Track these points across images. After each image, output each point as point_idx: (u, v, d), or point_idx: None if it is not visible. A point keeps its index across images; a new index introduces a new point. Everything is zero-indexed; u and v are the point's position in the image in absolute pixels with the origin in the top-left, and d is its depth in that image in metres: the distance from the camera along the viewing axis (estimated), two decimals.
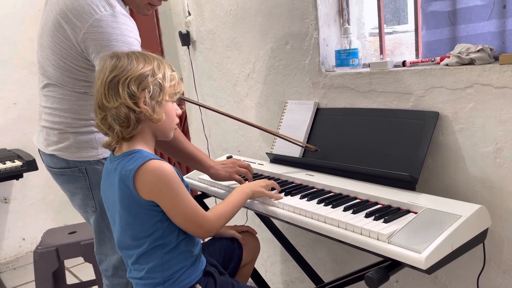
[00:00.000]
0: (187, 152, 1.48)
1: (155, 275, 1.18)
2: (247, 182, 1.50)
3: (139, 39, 1.38)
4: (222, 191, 1.62)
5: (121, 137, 1.15)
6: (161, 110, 1.16)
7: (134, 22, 1.39)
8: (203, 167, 1.54)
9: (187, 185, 1.20)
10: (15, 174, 2.67)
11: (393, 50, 1.74)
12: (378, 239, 1.06)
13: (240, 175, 1.57)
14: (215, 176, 1.55)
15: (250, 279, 1.74)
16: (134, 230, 1.16)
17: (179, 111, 1.26)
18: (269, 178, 1.64)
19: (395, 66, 1.56)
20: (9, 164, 2.65)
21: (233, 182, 1.58)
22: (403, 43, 1.71)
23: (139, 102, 1.12)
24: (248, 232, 1.61)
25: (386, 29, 1.75)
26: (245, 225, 1.63)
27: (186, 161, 1.51)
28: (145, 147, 1.18)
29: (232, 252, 1.52)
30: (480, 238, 1.13)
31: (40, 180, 3.18)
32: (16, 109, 3.14)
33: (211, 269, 1.28)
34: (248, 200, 1.41)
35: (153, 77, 1.14)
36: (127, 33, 1.34)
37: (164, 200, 1.13)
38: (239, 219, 2.33)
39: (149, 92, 1.13)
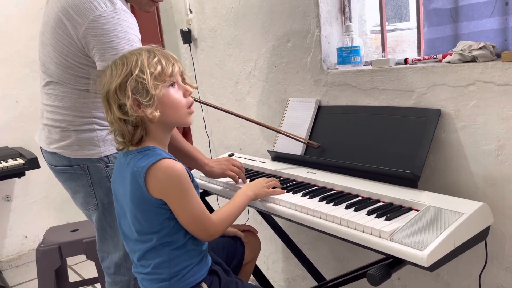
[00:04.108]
0: (182, 149, 1.49)
1: (162, 271, 1.18)
2: (248, 182, 1.50)
3: (140, 36, 1.39)
4: (220, 188, 1.63)
5: (130, 144, 1.16)
6: (153, 108, 1.11)
7: (135, 19, 1.39)
8: (198, 165, 1.55)
9: (197, 185, 1.20)
10: (17, 172, 2.68)
11: (394, 47, 1.73)
12: (380, 237, 1.06)
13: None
14: (210, 173, 1.57)
15: (252, 277, 1.74)
16: (142, 226, 1.16)
17: (189, 90, 1.20)
18: (270, 175, 1.64)
19: (397, 63, 1.55)
20: (11, 162, 2.65)
21: (230, 179, 1.59)
22: (404, 41, 1.70)
23: (128, 109, 1.10)
24: (249, 231, 1.62)
25: (388, 26, 1.74)
26: (246, 224, 1.63)
27: (181, 159, 1.51)
28: (158, 144, 1.18)
29: (234, 250, 1.53)
30: (482, 236, 1.13)
31: (42, 178, 3.18)
32: (18, 107, 3.15)
33: (216, 267, 1.28)
34: None
35: (131, 78, 1.10)
36: (128, 30, 1.34)
37: (173, 200, 1.13)
38: (240, 217, 2.33)
39: (133, 94, 1.10)
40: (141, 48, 1.18)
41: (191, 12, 2.47)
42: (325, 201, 1.29)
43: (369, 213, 1.17)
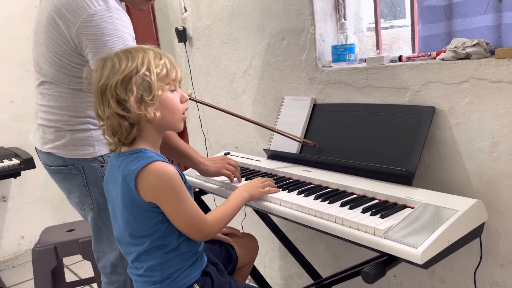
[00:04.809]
0: (178, 148, 1.49)
1: (154, 273, 1.18)
2: (244, 183, 1.49)
3: (133, 34, 1.38)
4: (216, 186, 1.62)
5: (122, 143, 1.14)
6: (154, 108, 1.11)
7: (129, 17, 1.38)
8: (193, 163, 1.55)
9: (190, 187, 1.19)
10: (13, 173, 2.67)
11: (391, 44, 1.73)
12: (374, 234, 1.06)
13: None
14: (205, 172, 1.57)
15: (248, 275, 1.74)
16: (134, 229, 1.15)
17: (186, 97, 1.20)
18: (266, 174, 1.64)
19: (392, 61, 1.55)
20: (6, 163, 2.65)
21: (225, 177, 1.59)
22: (401, 38, 1.70)
23: (129, 107, 1.08)
24: (247, 233, 1.61)
25: (384, 23, 1.74)
26: (233, 227, 1.62)
27: (176, 158, 1.51)
28: (149, 146, 1.16)
29: (230, 255, 1.52)
30: (476, 232, 1.13)
31: (38, 178, 3.17)
32: (13, 107, 3.13)
33: (210, 268, 1.27)
34: None
35: (137, 75, 1.08)
36: (121, 28, 1.33)
37: (165, 203, 1.12)
38: (237, 216, 2.33)
39: (137, 92, 1.08)
40: (146, 47, 1.16)
41: (186, 10, 2.46)
42: (320, 199, 1.30)
43: (364, 211, 1.17)
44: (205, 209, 1.81)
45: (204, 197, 1.81)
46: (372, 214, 1.14)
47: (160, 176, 1.10)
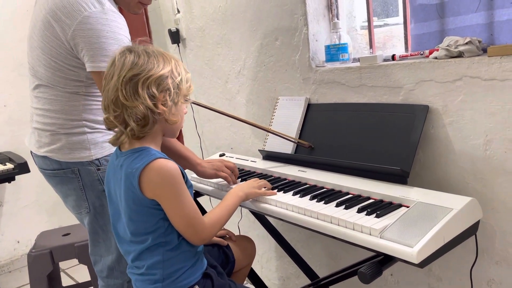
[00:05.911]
0: (175, 150, 1.49)
1: (156, 271, 1.18)
2: (239, 183, 1.49)
3: (129, 37, 1.38)
4: (210, 188, 1.62)
5: (135, 135, 1.14)
6: (177, 112, 1.18)
7: (124, 19, 1.38)
8: (190, 165, 1.54)
9: (190, 185, 1.20)
10: (7, 177, 2.65)
11: (384, 43, 1.73)
12: (370, 234, 1.06)
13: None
14: (202, 174, 1.56)
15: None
16: (136, 226, 1.16)
17: (186, 110, 1.27)
18: (261, 174, 1.64)
19: (385, 60, 1.56)
20: (0, 167, 2.63)
21: (221, 179, 1.59)
22: (394, 36, 1.70)
23: (158, 103, 1.12)
24: (245, 236, 1.61)
25: (378, 22, 1.75)
26: (229, 230, 1.62)
27: (173, 159, 1.50)
28: (153, 145, 1.18)
29: (227, 257, 1.52)
30: (472, 230, 1.14)
31: (33, 182, 3.15)
32: (6, 112, 3.12)
33: (210, 271, 1.27)
34: None
35: (172, 79, 1.15)
36: (117, 30, 1.33)
37: (165, 200, 1.13)
38: (233, 217, 2.33)
39: (169, 95, 1.14)
40: (173, 56, 1.21)
41: (178, 11, 2.46)
42: (316, 200, 1.30)
43: (360, 211, 1.17)
44: (201, 211, 1.81)
45: (200, 199, 1.80)
46: (368, 214, 1.14)
47: (161, 173, 1.11)
